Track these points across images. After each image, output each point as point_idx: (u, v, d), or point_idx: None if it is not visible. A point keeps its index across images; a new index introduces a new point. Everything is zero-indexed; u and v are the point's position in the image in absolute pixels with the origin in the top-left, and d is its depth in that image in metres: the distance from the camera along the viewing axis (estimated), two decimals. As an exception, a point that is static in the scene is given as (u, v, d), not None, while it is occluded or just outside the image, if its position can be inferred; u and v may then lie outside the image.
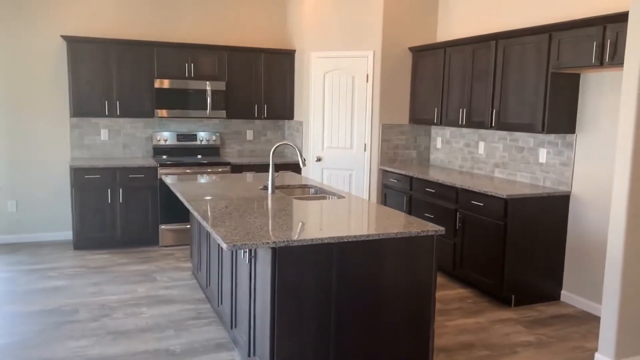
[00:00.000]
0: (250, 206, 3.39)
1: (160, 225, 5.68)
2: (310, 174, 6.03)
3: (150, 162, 5.72)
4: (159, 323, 3.77)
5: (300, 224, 2.94)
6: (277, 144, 3.94)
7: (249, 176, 4.78)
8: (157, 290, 4.42)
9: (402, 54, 5.80)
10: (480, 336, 3.68)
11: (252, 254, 2.94)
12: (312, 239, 2.62)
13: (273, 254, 2.61)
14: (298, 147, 3.78)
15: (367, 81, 5.78)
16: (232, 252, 3.37)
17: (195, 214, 3.22)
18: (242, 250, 3.04)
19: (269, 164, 6.12)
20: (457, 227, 4.61)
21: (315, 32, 5.98)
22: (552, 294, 4.35)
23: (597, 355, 3.27)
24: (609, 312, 3.19)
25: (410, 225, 2.93)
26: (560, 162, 4.35)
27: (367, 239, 2.74)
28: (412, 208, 5.23)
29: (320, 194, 4.16)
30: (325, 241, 2.65)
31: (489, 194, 4.24)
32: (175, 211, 5.68)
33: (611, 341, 3.19)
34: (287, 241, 2.58)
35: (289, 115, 6.47)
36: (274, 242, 2.57)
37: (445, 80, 5.29)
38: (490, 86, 4.68)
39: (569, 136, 4.27)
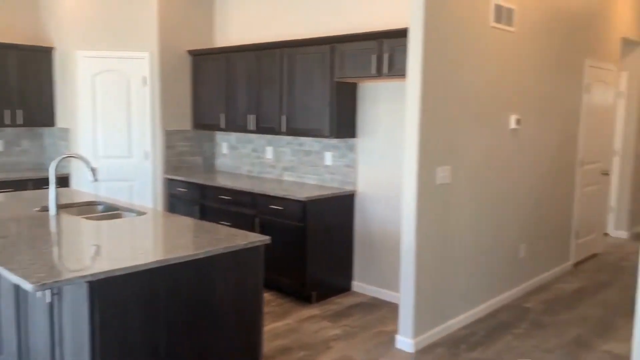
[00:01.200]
0: (36, 233, 2.85)
1: None
2: (84, 187, 5.37)
3: None
4: None
5: (107, 249, 2.59)
6: (62, 156, 3.39)
7: (10, 196, 4.02)
8: None
9: (182, 56, 5.57)
10: (294, 337, 3.77)
11: (55, 291, 2.48)
12: (135, 266, 2.33)
13: (90, 290, 2.23)
14: (84, 158, 3.34)
15: (145, 84, 5.40)
16: (16, 292, 2.79)
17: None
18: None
19: (27, 180, 5.27)
20: (257, 233, 4.63)
21: (80, 29, 5.33)
22: (345, 286, 4.70)
23: (397, 337, 3.65)
24: (406, 297, 3.58)
25: (235, 238, 2.82)
26: (345, 164, 4.72)
27: (195, 257, 2.55)
28: (206, 218, 5.08)
29: (113, 210, 3.73)
30: (150, 266, 2.38)
31: (288, 197, 4.37)
32: None
33: (409, 322, 3.58)
34: (107, 272, 2.24)
35: (50, 121, 5.65)
36: (92, 275, 2.20)
37: (230, 86, 5.26)
38: (278, 93, 4.81)
39: (351, 140, 4.66)
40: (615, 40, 5.90)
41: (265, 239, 2.86)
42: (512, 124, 4.29)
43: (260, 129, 5.02)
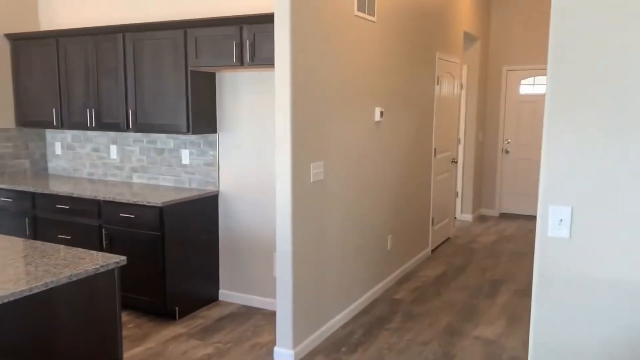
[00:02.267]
0: None
1: None
2: None
3: None
4: None
5: None
6: None
7: None
8: None
9: (-3, 41, 4.65)
10: (158, 364, 3.30)
11: None
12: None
13: None
14: None
15: (-52, 74, 4.40)
16: None
17: None
18: None
19: None
20: (105, 246, 4.01)
21: None
22: (211, 296, 4.29)
23: (276, 349, 3.36)
24: (283, 306, 3.30)
25: (82, 262, 2.30)
26: (205, 162, 4.29)
27: (30, 293, 2.00)
28: (39, 232, 4.30)
29: None
30: (-34, 312, 1.80)
31: (141, 203, 3.83)
32: None
33: (288, 333, 3.31)
34: None
35: None
36: None
37: (62, 77, 4.50)
38: (122, 84, 4.20)
39: (211, 136, 4.24)
40: (459, 34, 6.21)
41: (120, 259, 2.37)
42: (377, 117, 4.22)
43: (102, 125, 4.36)
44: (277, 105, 3.17)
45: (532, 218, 7.60)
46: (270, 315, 4.02)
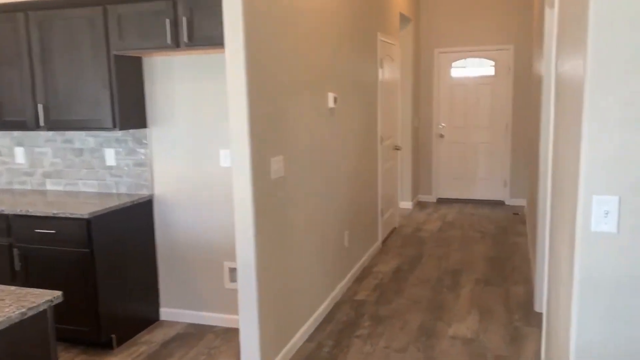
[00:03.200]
0: None
1: None
2: None
3: None
4: None
5: None
6: None
7: None
8: None
9: None
10: (99, 409, 2.73)
11: None
12: None
13: None
14: None
15: None
16: None
17: None
18: None
19: None
20: (18, 269, 3.33)
21: None
22: (151, 316, 3.72)
23: (241, 375, 2.90)
24: (248, 325, 2.85)
25: (1, 305, 1.73)
26: (135, 162, 3.69)
27: None
28: None
29: None
30: None
31: (63, 216, 3.19)
32: None
33: (255, 353, 2.86)
34: None
35: None
36: None
37: (-53, 66, 3.70)
38: (28, 74, 3.50)
39: (140, 131, 3.65)
40: (395, 15, 5.94)
41: (54, 296, 1.82)
42: (331, 102, 3.83)
43: (5, 124, 3.63)
44: (230, 93, 2.68)
45: (469, 202, 7.57)
46: (225, 333, 3.54)
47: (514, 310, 3.82)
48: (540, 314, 3.73)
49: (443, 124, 7.60)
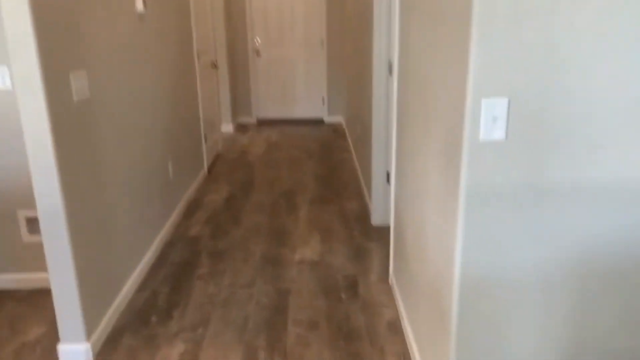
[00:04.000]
0: None
1: None
2: None
3: None
4: None
5: None
6: None
7: None
8: None
9: None
10: None
11: None
12: None
13: None
14: None
15: None
16: None
17: None
18: None
19: None
20: None
21: None
22: None
23: (61, 346, 2.35)
24: (64, 284, 2.27)
25: None
26: None
27: None
28: None
29: None
30: None
31: None
32: None
33: (77, 320, 2.32)
34: None
35: None
36: None
37: None
38: None
39: None
40: None
41: None
42: (140, 6, 3.15)
43: None
44: None
45: (289, 122, 7.42)
46: (30, 297, 2.88)
47: (353, 227, 3.78)
48: (378, 228, 3.73)
49: (259, 39, 7.17)
